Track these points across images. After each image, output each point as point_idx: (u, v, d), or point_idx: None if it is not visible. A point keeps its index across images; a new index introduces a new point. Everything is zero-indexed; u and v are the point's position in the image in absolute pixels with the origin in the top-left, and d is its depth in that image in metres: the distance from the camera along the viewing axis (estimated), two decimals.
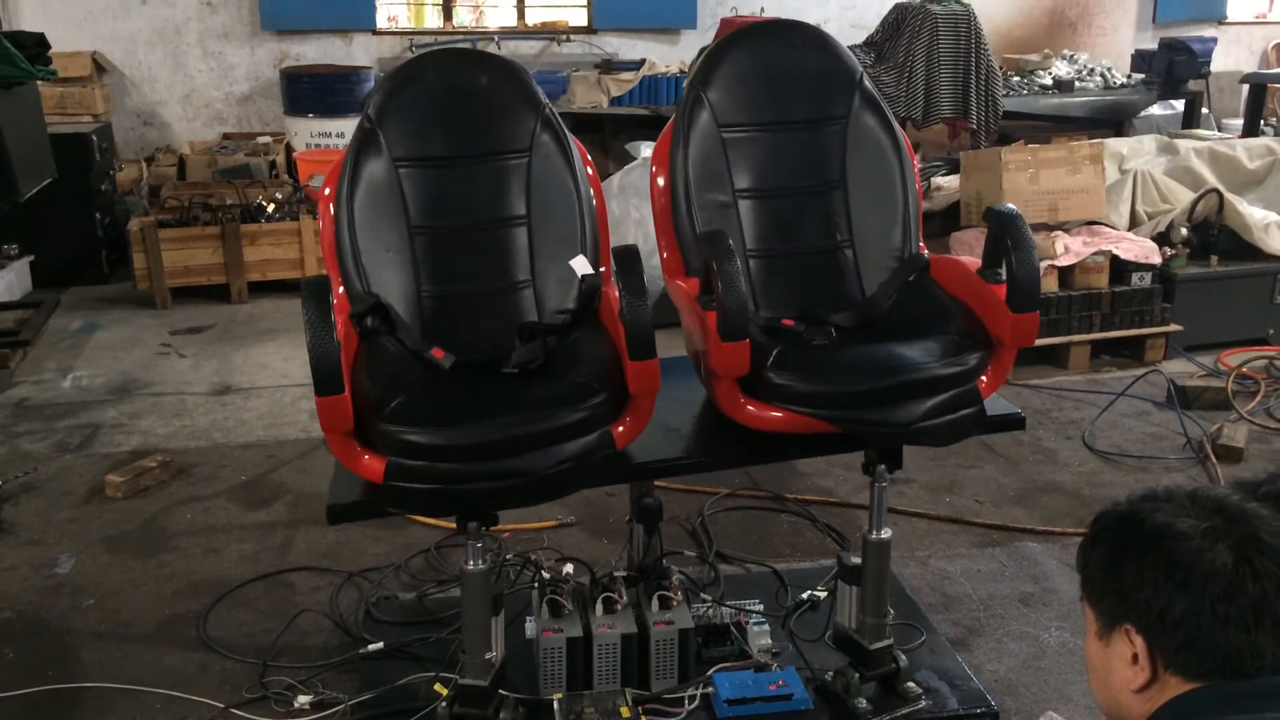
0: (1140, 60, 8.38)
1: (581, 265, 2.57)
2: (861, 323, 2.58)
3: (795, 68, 2.74)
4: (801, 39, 2.77)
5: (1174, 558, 1.26)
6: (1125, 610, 1.30)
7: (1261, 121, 7.97)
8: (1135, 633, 1.29)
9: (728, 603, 2.84)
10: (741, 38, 2.80)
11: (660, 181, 2.69)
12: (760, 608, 2.87)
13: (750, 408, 2.33)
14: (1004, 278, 2.35)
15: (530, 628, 2.72)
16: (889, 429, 2.30)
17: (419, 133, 2.63)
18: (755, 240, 2.67)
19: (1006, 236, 2.32)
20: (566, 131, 2.70)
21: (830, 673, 2.63)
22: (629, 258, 2.22)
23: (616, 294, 2.29)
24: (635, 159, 5.66)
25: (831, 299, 2.64)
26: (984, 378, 2.38)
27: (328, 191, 2.59)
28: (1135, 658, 1.29)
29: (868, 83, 2.75)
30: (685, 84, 2.79)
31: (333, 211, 2.55)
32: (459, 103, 2.67)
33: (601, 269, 2.61)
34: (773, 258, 2.68)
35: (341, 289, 2.50)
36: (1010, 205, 2.40)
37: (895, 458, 2.52)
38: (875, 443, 2.44)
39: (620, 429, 2.27)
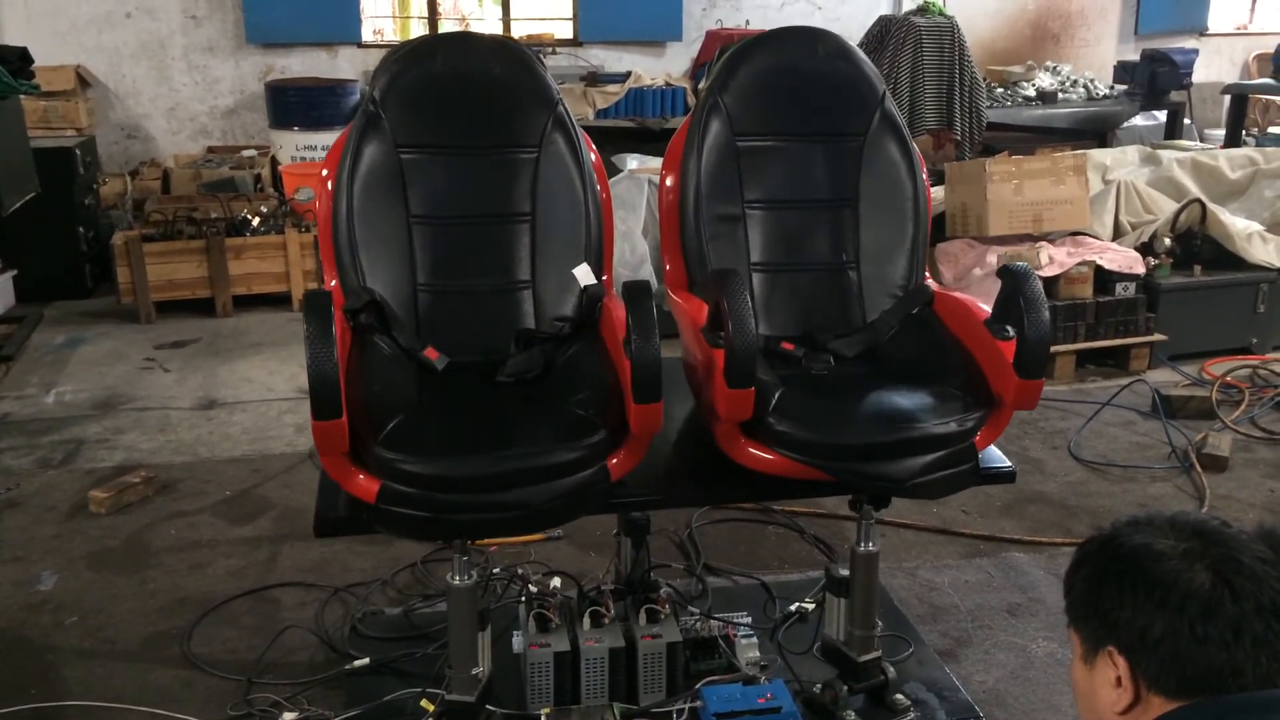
0: (1123, 71, 8.45)
1: (585, 275, 2.52)
2: (861, 352, 2.56)
3: (817, 78, 2.68)
4: (826, 48, 2.70)
5: (1153, 577, 1.27)
6: (1107, 631, 1.31)
7: (1243, 132, 8.03)
8: (1117, 654, 1.29)
9: (716, 615, 2.83)
10: (764, 42, 2.74)
11: (669, 181, 2.64)
12: (748, 620, 2.87)
13: (750, 450, 2.28)
14: (1011, 334, 2.28)
15: (517, 642, 2.71)
16: (885, 484, 2.26)
17: (424, 118, 2.56)
18: (761, 253, 2.63)
19: (1020, 296, 2.25)
20: (580, 134, 2.65)
21: (819, 685, 2.62)
22: (639, 294, 2.13)
23: (618, 308, 2.25)
24: (621, 171, 5.67)
25: (833, 321, 2.61)
26: (979, 434, 2.34)
27: (325, 173, 2.53)
28: (1119, 680, 1.29)
29: (889, 103, 2.69)
30: (703, 87, 2.71)
31: (330, 195, 2.49)
32: (469, 91, 2.60)
33: (604, 277, 2.57)
34: (777, 272, 2.64)
35: (335, 281, 2.46)
36: (1024, 264, 2.35)
37: (883, 498, 2.50)
38: (868, 494, 2.42)
39: (615, 461, 2.22)
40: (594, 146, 2.70)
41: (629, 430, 2.19)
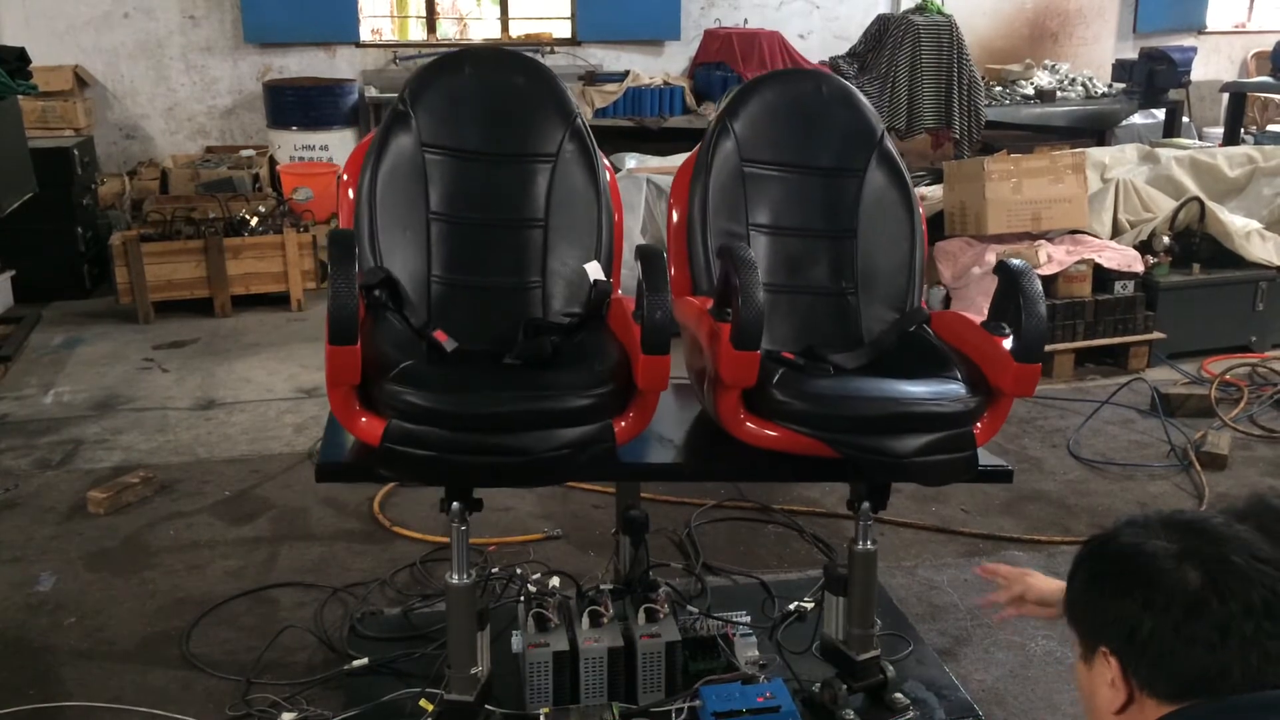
0: (1121, 70, 8.45)
1: (595, 270, 2.61)
2: (861, 366, 2.60)
3: (821, 116, 2.81)
4: (830, 90, 2.84)
5: (1141, 578, 1.27)
6: (1100, 631, 1.31)
7: (1241, 130, 8.04)
8: (1110, 654, 1.29)
9: (714, 614, 2.83)
10: (774, 79, 2.92)
11: (675, 215, 2.73)
12: (747, 619, 2.86)
13: (749, 424, 2.32)
14: (1008, 331, 2.33)
15: (516, 642, 2.71)
16: (883, 459, 2.29)
17: (450, 123, 2.69)
18: (764, 274, 2.68)
19: (1018, 291, 2.31)
20: (595, 145, 2.75)
21: (818, 684, 2.63)
22: (654, 256, 2.21)
23: (627, 300, 2.32)
24: (620, 170, 5.67)
25: (832, 340, 2.67)
26: (979, 425, 2.37)
27: (345, 177, 2.63)
28: (1114, 680, 1.29)
29: (888, 143, 2.81)
30: (714, 115, 2.86)
31: (354, 185, 2.59)
32: (493, 100, 2.73)
33: (611, 279, 2.64)
34: (778, 293, 2.71)
35: None
36: (1021, 260, 2.42)
37: (881, 496, 2.52)
38: (867, 471, 2.43)
39: (622, 424, 2.26)
40: (610, 165, 2.80)
41: (636, 391, 2.24)
